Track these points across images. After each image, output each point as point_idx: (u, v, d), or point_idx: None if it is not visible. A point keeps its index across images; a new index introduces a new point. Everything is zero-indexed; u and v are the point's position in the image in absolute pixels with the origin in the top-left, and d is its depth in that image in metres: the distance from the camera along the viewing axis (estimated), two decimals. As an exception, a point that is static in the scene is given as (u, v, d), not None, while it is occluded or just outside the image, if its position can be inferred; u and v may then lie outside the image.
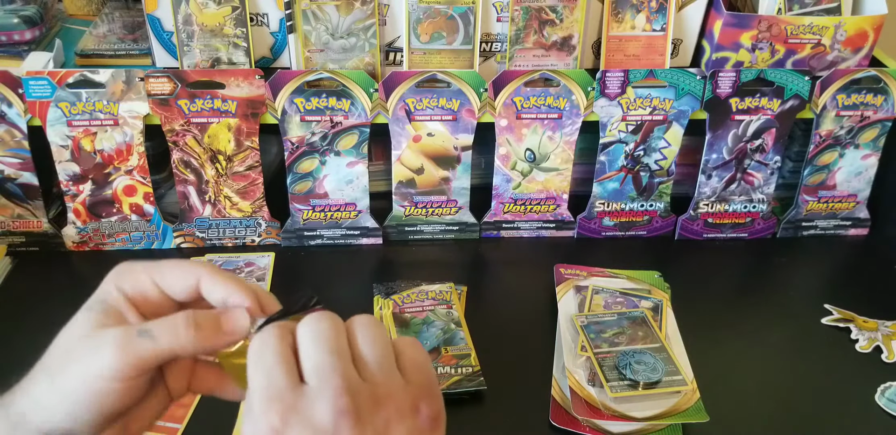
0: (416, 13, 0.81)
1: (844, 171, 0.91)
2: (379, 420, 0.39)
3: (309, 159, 0.85)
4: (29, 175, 0.84)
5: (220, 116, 0.82)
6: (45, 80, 0.79)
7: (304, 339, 0.40)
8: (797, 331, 0.79)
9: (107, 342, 0.39)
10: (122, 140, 0.83)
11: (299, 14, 0.80)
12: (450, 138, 0.86)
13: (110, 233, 0.88)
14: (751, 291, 0.86)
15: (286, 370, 0.39)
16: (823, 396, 0.71)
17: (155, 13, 0.81)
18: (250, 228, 0.89)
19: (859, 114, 0.87)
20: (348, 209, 0.89)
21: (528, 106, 0.84)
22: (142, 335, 0.40)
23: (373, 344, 0.41)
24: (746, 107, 0.85)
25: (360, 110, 0.83)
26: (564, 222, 0.92)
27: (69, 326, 0.41)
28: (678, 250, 0.92)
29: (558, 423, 0.66)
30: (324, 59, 0.82)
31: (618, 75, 0.83)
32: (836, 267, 0.92)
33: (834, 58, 0.85)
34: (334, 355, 0.39)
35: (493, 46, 0.84)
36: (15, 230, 0.87)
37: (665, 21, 0.84)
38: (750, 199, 0.91)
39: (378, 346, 0.41)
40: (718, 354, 0.75)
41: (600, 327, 0.74)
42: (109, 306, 0.41)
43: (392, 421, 0.39)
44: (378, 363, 0.40)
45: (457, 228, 0.92)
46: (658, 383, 0.67)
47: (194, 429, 0.66)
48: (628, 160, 0.88)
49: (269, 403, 0.38)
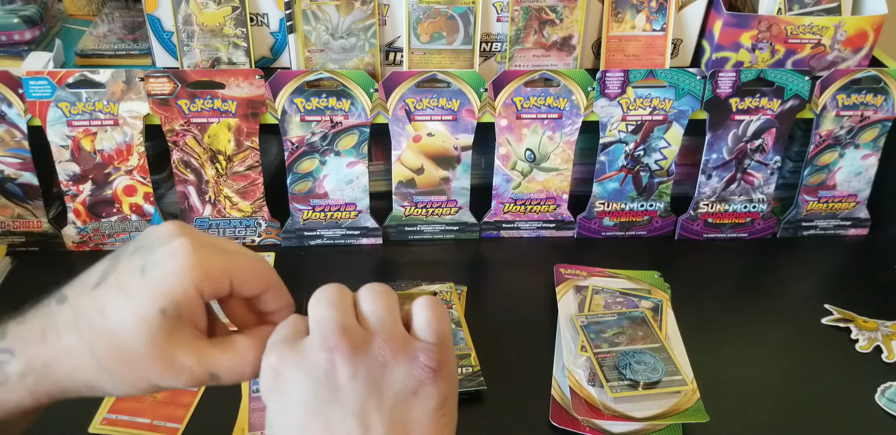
0: (416, 13, 0.81)
1: (844, 171, 0.91)
2: (375, 360, 0.40)
3: (309, 159, 0.85)
4: (29, 175, 0.84)
5: (220, 116, 0.82)
6: (45, 80, 0.79)
7: (310, 303, 0.42)
8: (797, 331, 0.79)
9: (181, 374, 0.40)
10: (122, 140, 0.83)
11: (299, 14, 0.80)
12: (450, 138, 0.86)
13: (110, 233, 0.88)
14: (751, 291, 0.85)
15: (293, 325, 0.42)
16: (823, 396, 0.71)
17: (155, 13, 0.81)
18: (250, 227, 0.89)
19: (859, 114, 0.87)
20: (348, 209, 0.89)
21: (528, 106, 0.84)
22: (212, 379, 0.42)
23: (374, 301, 0.43)
24: (746, 107, 0.85)
25: (360, 110, 0.83)
26: (564, 222, 0.92)
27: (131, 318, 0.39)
28: (678, 250, 0.92)
29: (558, 423, 0.66)
30: (324, 59, 0.82)
31: (618, 75, 0.83)
32: (836, 267, 0.92)
33: (834, 58, 0.85)
34: (334, 309, 0.41)
35: (493, 46, 0.84)
36: (15, 230, 0.87)
37: (665, 21, 0.84)
38: (750, 199, 0.91)
39: (380, 302, 0.42)
40: (718, 354, 0.75)
41: (600, 327, 0.74)
42: (185, 312, 0.40)
43: (390, 363, 0.40)
44: (378, 316, 0.42)
45: (457, 228, 0.92)
46: (658, 383, 0.67)
47: (194, 429, 0.66)
48: (628, 160, 0.88)
49: (271, 347, 0.41)
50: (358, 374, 0.39)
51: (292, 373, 0.40)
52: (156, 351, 0.39)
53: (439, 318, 0.43)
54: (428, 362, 0.40)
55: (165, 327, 0.39)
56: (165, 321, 0.39)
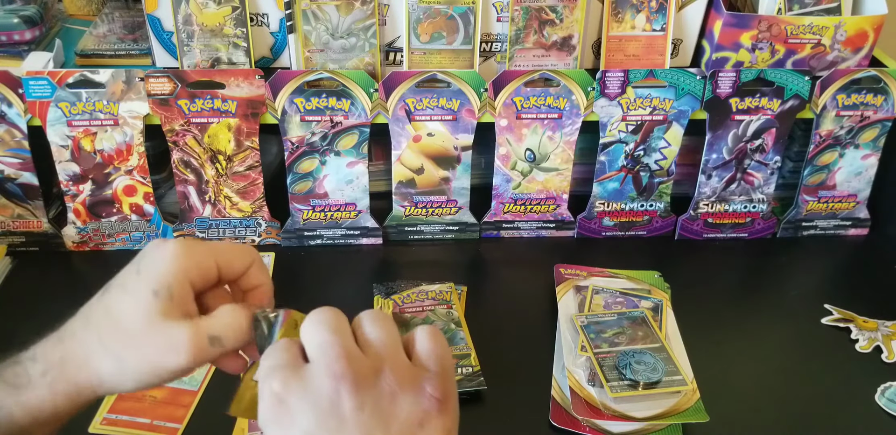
0: (416, 13, 0.81)
1: (844, 171, 0.91)
2: (381, 390, 0.39)
3: (309, 159, 0.85)
4: (29, 175, 0.84)
5: (220, 116, 0.82)
6: (45, 80, 0.79)
7: (306, 327, 0.41)
8: (797, 331, 0.79)
9: (182, 346, 0.42)
10: (122, 140, 0.83)
11: (299, 14, 0.80)
12: (450, 138, 0.86)
13: (110, 233, 0.88)
14: (751, 291, 0.86)
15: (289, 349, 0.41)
16: (823, 396, 0.71)
17: (155, 13, 0.81)
18: (250, 227, 0.89)
19: (859, 114, 0.87)
20: (348, 209, 0.89)
21: (528, 106, 0.84)
22: (213, 344, 0.42)
23: (378, 327, 0.42)
24: (746, 107, 0.85)
25: (360, 110, 0.83)
26: (564, 222, 0.92)
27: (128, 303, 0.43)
28: (678, 250, 0.92)
29: (558, 423, 0.66)
30: (324, 59, 0.82)
31: (618, 75, 0.83)
32: (836, 267, 0.92)
33: (834, 58, 0.85)
34: (335, 334, 0.40)
35: (493, 46, 0.84)
36: (15, 230, 0.87)
37: (665, 21, 0.84)
38: (750, 199, 0.91)
39: (384, 330, 0.42)
40: (718, 354, 0.75)
41: (600, 327, 0.74)
42: (176, 294, 0.43)
43: (397, 393, 0.39)
44: (383, 343, 0.41)
45: (457, 228, 0.92)
46: (658, 383, 0.67)
47: (194, 429, 0.66)
48: (628, 160, 0.88)
49: (271, 371, 0.40)
50: (364, 404, 0.38)
51: (296, 401, 0.39)
52: (152, 329, 0.42)
53: (443, 347, 0.42)
54: (434, 393, 0.40)
55: (159, 307, 0.42)
56: (158, 302, 0.42)
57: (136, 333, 0.42)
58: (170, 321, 0.42)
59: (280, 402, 0.39)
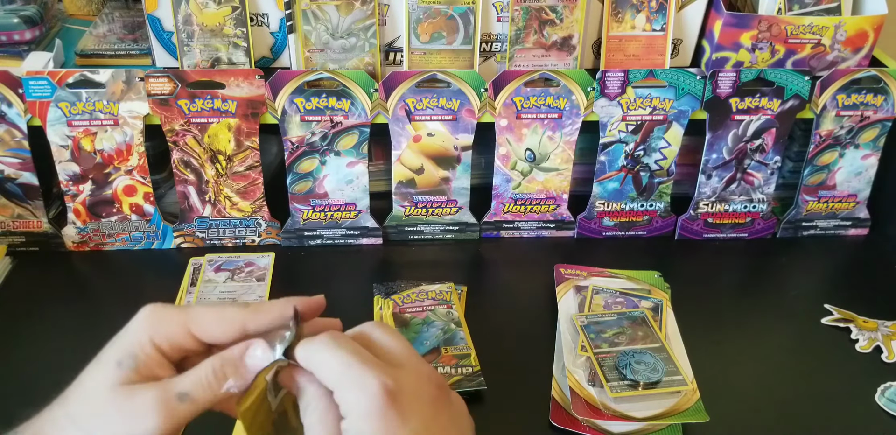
0: (416, 13, 0.81)
1: (844, 171, 0.91)
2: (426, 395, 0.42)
3: (309, 159, 0.85)
4: (29, 175, 0.84)
5: (220, 116, 0.82)
6: (45, 80, 0.79)
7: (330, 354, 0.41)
8: (797, 331, 0.79)
9: (149, 409, 0.40)
10: (122, 140, 0.83)
11: (299, 14, 0.80)
12: (450, 138, 0.86)
13: (110, 233, 0.88)
14: (751, 291, 0.85)
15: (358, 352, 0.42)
16: (823, 396, 0.71)
17: (155, 13, 0.81)
18: (250, 227, 0.89)
19: (859, 114, 0.87)
20: (348, 209, 0.89)
21: (528, 106, 0.84)
22: (182, 400, 0.41)
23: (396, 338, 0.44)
24: (746, 107, 0.85)
25: (360, 110, 0.83)
26: (564, 222, 0.92)
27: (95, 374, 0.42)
28: (678, 250, 0.92)
29: (558, 423, 0.66)
30: (324, 59, 0.82)
31: (618, 75, 0.83)
32: (836, 267, 0.92)
33: (834, 58, 0.85)
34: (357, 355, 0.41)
35: (493, 46, 0.84)
36: (15, 230, 0.87)
37: (665, 21, 0.84)
38: (750, 199, 0.91)
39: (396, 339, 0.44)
40: (718, 354, 0.75)
41: (600, 327, 0.74)
42: (142, 363, 0.42)
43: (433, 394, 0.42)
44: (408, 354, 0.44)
45: (457, 228, 0.92)
46: (658, 383, 0.67)
47: (194, 429, 0.66)
48: (628, 160, 0.88)
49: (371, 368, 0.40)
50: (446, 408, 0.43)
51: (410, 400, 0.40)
52: (117, 399, 0.41)
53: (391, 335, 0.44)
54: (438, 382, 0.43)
55: (121, 377, 0.41)
56: (120, 371, 0.41)
57: (102, 404, 0.41)
58: (134, 391, 0.41)
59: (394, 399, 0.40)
